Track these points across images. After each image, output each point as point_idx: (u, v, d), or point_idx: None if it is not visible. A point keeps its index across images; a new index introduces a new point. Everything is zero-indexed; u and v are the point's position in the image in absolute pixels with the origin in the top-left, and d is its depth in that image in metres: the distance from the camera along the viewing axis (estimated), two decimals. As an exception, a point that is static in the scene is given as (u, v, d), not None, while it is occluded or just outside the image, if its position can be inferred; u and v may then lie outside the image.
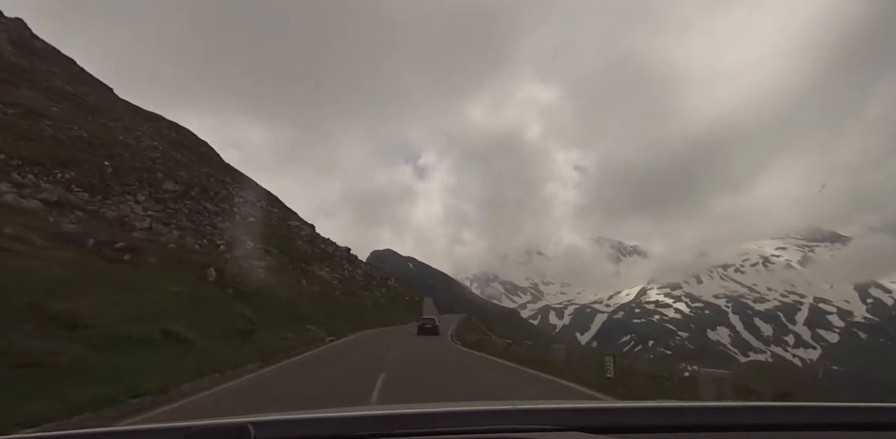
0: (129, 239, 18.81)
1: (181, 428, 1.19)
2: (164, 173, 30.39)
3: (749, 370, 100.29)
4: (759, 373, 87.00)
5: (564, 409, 1.44)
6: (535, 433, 1.16)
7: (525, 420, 1.26)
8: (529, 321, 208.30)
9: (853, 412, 1.31)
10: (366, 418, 1.39)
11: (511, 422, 1.25)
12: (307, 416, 1.41)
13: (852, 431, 1.24)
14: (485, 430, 1.21)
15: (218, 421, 1.25)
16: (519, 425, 1.22)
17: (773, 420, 1.31)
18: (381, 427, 1.26)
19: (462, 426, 1.27)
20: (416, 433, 1.21)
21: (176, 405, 7.20)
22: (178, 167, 34.87)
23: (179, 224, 25.57)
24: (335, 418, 1.39)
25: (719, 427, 1.26)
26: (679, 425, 1.26)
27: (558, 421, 1.24)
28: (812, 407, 1.38)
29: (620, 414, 1.40)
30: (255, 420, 1.22)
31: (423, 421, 1.35)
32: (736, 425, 1.27)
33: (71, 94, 37.91)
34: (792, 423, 1.27)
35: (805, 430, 1.24)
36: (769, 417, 1.32)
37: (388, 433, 1.22)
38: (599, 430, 1.18)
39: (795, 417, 1.31)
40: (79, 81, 46.42)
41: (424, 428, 1.25)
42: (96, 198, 22.09)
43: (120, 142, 32.21)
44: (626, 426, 1.26)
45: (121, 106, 48.22)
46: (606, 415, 1.38)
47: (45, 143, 24.86)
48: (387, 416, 1.38)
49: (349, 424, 1.32)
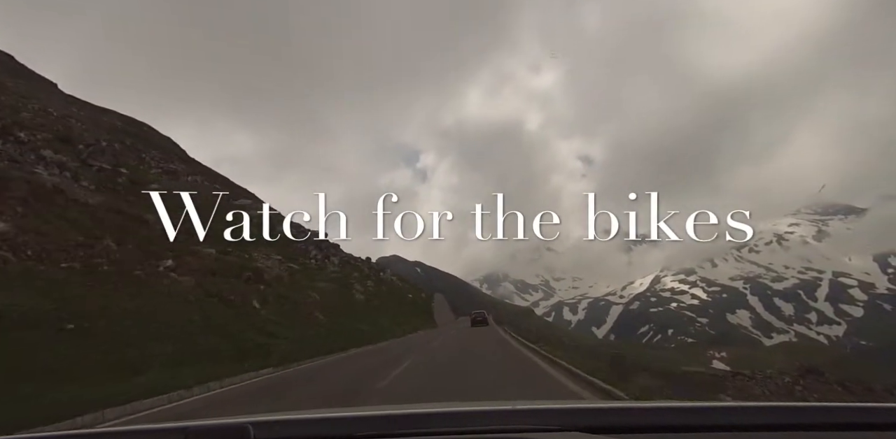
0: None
1: (181, 428, 1.21)
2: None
3: (774, 353, 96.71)
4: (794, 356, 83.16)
5: (564, 409, 1.45)
6: (535, 433, 1.17)
7: (525, 420, 1.26)
8: (544, 318, 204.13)
9: (854, 412, 1.30)
10: (366, 418, 1.39)
11: (511, 422, 1.25)
12: (307, 416, 1.43)
13: (852, 431, 1.23)
14: (485, 430, 1.22)
15: (218, 421, 1.28)
16: (519, 425, 1.22)
17: (773, 420, 1.29)
18: (382, 427, 1.27)
19: (462, 426, 1.27)
20: (416, 433, 1.23)
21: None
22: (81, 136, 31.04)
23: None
24: (335, 418, 1.40)
25: (719, 427, 1.25)
26: (679, 425, 1.26)
27: (558, 421, 1.25)
28: (812, 407, 1.39)
29: (620, 414, 1.39)
30: (254, 420, 1.23)
31: (423, 421, 1.35)
32: (736, 425, 1.26)
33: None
34: (792, 423, 1.26)
35: (805, 430, 1.23)
36: (769, 417, 1.31)
37: (388, 433, 1.23)
38: (599, 430, 1.19)
39: (795, 417, 1.30)
40: (18, 76, 44.35)
41: (424, 428, 1.26)
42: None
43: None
44: (626, 426, 1.26)
45: (58, 98, 45.11)
46: (606, 415, 1.37)
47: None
48: (387, 416, 1.39)
49: (349, 424, 1.32)
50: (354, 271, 45.57)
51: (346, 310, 30.25)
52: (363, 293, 39.72)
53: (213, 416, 6.70)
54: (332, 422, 1.35)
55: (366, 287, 42.48)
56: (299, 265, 34.28)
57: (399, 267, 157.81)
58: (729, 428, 1.24)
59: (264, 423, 1.25)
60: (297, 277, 30.66)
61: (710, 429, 1.23)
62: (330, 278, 36.56)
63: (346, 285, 38.22)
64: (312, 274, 34.68)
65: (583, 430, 1.17)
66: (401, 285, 62.15)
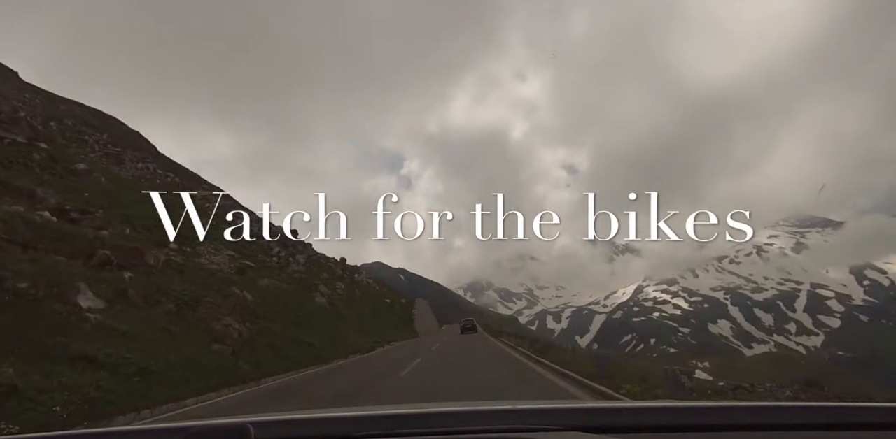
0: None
1: (181, 428, 1.21)
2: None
3: (757, 364, 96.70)
4: (778, 366, 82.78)
5: (564, 409, 1.45)
6: (535, 433, 1.17)
7: (525, 420, 1.26)
8: (528, 327, 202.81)
9: (853, 412, 1.30)
10: (366, 418, 1.39)
11: (511, 422, 1.25)
12: (307, 416, 1.43)
13: (852, 431, 1.23)
14: (485, 430, 1.22)
15: (218, 422, 1.27)
16: (519, 425, 1.22)
17: (773, 420, 1.29)
18: (382, 427, 1.27)
19: (462, 426, 1.27)
20: (416, 433, 1.22)
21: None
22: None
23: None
24: (335, 418, 1.40)
25: (719, 427, 1.25)
26: (679, 425, 1.26)
27: (558, 421, 1.25)
28: (812, 406, 1.38)
29: (620, 414, 1.39)
30: (255, 420, 1.23)
31: (423, 421, 1.35)
32: (736, 425, 1.26)
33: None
34: (791, 423, 1.26)
35: (805, 430, 1.23)
36: (769, 417, 1.30)
37: (388, 433, 1.23)
38: (599, 430, 1.19)
39: (795, 417, 1.30)
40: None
41: (424, 428, 1.26)
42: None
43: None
44: (626, 426, 1.26)
45: (14, 84, 42.74)
46: (606, 415, 1.37)
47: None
48: (387, 416, 1.39)
49: (349, 424, 1.33)
50: (323, 271, 42.00)
51: (296, 317, 24.15)
52: (327, 296, 34.50)
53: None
54: (332, 422, 1.35)
55: (334, 289, 38.25)
56: (256, 262, 30.44)
57: (382, 273, 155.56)
58: (729, 427, 1.23)
59: (265, 423, 1.25)
60: (239, 275, 25.75)
61: (710, 429, 1.23)
62: (291, 278, 32.45)
63: (309, 286, 33.49)
64: (268, 272, 30.37)
65: (583, 430, 1.17)
66: (377, 289, 57.69)
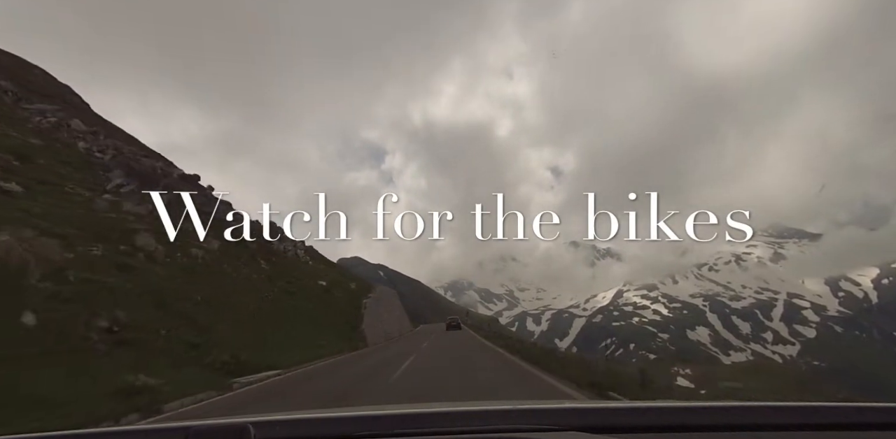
0: None
1: (181, 428, 1.21)
2: None
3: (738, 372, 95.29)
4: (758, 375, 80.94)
5: (564, 409, 1.45)
6: (535, 433, 1.17)
7: (525, 420, 1.26)
8: (508, 328, 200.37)
9: (852, 412, 1.29)
10: (366, 418, 1.39)
11: (511, 422, 1.25)
12: (307, 416, 1.42)
13: (852, 431, 1.23)
14: (485, 430, 1.22)
15: (218, 421, 1.27)
16: (519, 425, 1.22)
17: (772, 420, 1.29)
18: (381, 427, 1.27)
19: (462, 426, 1.27)
20: (415, 433, 1.22)
21: None
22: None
23: None
24: (335, 418, 1.39)
25: (719, 427, 1.25)
26: (679, 425, 1.26)
27: (558, 421, 1.25)
28: (811, 406, 1.37)
29: (620, 414, 1.38)
30: (255, 420, 1.23)
31: (423, 421, 1.35)
32: (736, 425, 1.26)
33: None
34: (791, 423, 1.26)
35: (804, 430, 1.23)
36: (769, 417, 1.31)
37: (388, 433, 1.23)
38: (599, 430, 1.19)
39: (794, 417, 1.29)
40: None
41: (424, 427, 1.26)
42: None
43: None
44: (626, 426, 1.26)
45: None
46: (606, 415, 1.37)
47: None
48: (387, 416, 1.39)
49: (349, 424, 1.33)
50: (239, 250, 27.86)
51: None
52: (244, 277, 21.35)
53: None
54: (332, 422, 1.35)
55: (255, 271, 25.28)
56: (134, 215, 20.75)
57: (360, 269, 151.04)
58: (729, 427, 1.23)
59: (265, 423, 1.24)
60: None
61: (710, 429, 1.22)
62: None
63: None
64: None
65: (582, 430, 1.17)
66: (311, 265, 40.85)
